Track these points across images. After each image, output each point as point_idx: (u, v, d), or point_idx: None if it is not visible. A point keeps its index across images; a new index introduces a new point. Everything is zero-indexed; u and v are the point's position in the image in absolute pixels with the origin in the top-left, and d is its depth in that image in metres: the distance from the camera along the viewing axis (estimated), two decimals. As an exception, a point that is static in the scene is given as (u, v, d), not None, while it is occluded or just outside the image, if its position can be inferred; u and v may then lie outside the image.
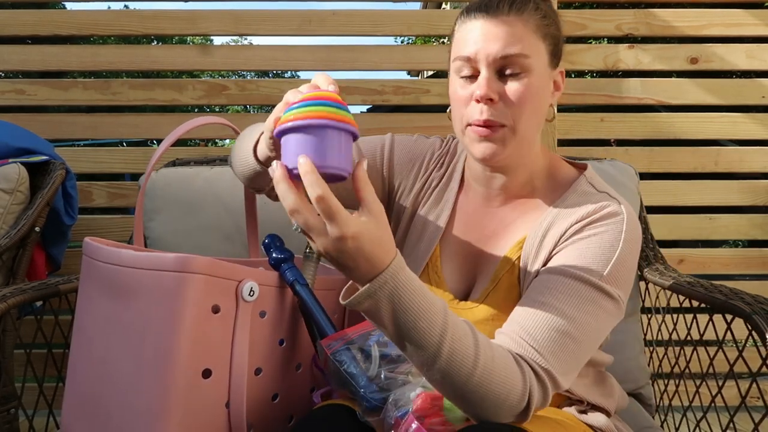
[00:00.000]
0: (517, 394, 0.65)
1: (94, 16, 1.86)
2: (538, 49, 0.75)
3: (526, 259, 0.78)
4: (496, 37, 0.73)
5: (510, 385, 0.64)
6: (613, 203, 0.77)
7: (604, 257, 0.72)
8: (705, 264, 1.94)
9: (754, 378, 0.96)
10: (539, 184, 0.84)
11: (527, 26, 0.74)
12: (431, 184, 0.92)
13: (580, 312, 0.70)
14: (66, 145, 3.25)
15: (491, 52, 0.74)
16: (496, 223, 0.85)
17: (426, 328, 0.62)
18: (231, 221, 1.28)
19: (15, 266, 1.43)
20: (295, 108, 0.58)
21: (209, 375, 0.73)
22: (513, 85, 0.74)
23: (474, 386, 0.63)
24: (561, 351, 0.68)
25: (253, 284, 0.76)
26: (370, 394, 0.70)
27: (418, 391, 0.69)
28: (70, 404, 0.79)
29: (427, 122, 1.91)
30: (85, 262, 0.79)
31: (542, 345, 0.68)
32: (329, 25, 1.88)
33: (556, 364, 0.68)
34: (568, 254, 0.74)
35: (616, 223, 0.75)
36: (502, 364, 0.65)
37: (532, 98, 0.75)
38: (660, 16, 1.90)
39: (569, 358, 0.69)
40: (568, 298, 0.70)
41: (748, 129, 1.93)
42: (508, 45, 0.73)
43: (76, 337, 0.80)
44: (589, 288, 0.71)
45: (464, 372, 0.63)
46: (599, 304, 0.71)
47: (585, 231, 0.75)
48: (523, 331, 0.69)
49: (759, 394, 0.94)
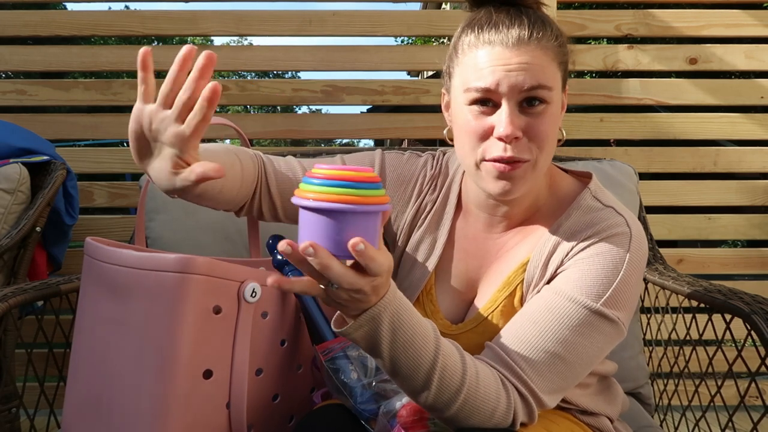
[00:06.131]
0: (501, 412, 0.65)
1: (95, 16, 1.86)
2: (557, 78, 0.71)
3: (529, 283, 0.75)
4: (520, 67, 0.67)
5: (494, 402, 0.64)
6: (620, 220, 0.73)
7: (606, 279, 0.69)
8: (704, 264, 1.94)
9: (753, 378, 0.96)
10: (542, 204, 0.80)
11: (547, 55, 0.69)
12: (425, 208, 0.87)
13: (575, 334, 0.68)
14: (67, 145, 3.26)
15: (516, 85, 0.67)
16: (498, 248, 0.81)
17: (422, 346, 0.61)
18: (231, 221, 1.28)
19: (16, 266, 1.44)
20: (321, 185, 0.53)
21: (210, 375, 0.73)
22: (536, 120, 0.69)
23: (461, 403, 0.63)
24: (549, 371, 0.67)
25: (255, 285, 0.76)
26: (364, 405, 0.70)
27: (404, 401, 0.69)
28: (71, 404, 0.79)
29: (427, 122, 1.92)
30: (86, 262, 0.79)
31: (530, 364, 0.67)
32: (329, 26, 1.88)
33: (542, 384, 0.67)
34: (570, 274, 0.71)
35: (622, 242, 0.71)
36: (486, 382, 0.65)
37: (552, 130, 0.71)
38: (659, 16, 1.91)
39: (557, 378, 0.68)
40: (563, 320, 0.68)
41: (747, 129, 1.93)
42: (533, 77, 0.67)
43: (77, 337, 0.80)
44: (586, 312, 0.68)
45: (453, 389, 0.63)
46: (597, 328, 0.69)
47: (589, 250, 0.72)
48: (510, 350, 0.68)
49: (758, 393, 0.95)
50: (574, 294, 0.69)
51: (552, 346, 0.67)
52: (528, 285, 0.75)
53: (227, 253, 1.14)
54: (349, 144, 22.95)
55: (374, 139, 2.38)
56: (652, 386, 1.27)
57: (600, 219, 0.73)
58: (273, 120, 1.93)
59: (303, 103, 1.94)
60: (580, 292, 0.69)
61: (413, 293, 0.84)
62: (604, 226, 0.72)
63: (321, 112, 2.27)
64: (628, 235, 0.71)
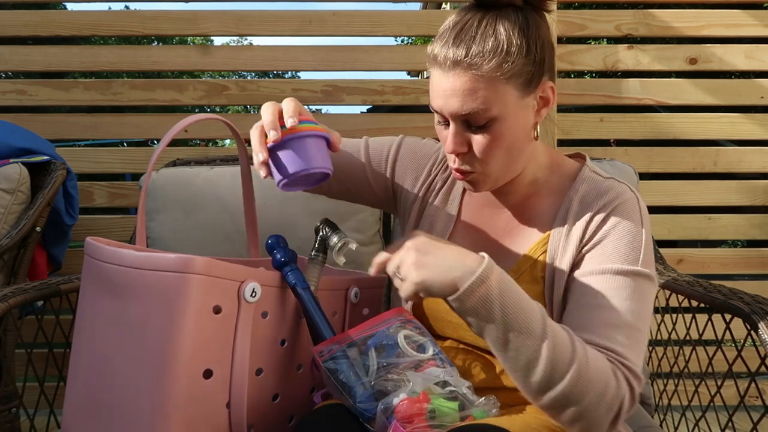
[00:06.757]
0: (613, 389, 0.66)
1: (95, 16, 1.86)
2: (501, 93, 0.72)
3: (553, 255, 0.80)
4: (454, 93, 0.73)
5: (605, 376, 0.66)
6: (623, 187, 0.81)
7: (635, 243, 0.76)
8: (704, 264, 1.95)
9: (752, 378, 0.96)
10: (544, 180, 0.86)
11: (484, 78, 0.71)
12: (436, 185, 0.94)
13: (634, 302, 0.73)
14: (67, 145, 3.27)
15: (451, 110, 0.74)
16: (506, 221, 0.87)
17: (529, 308, 0.67)
18: (231, 221, 1.28)
19: (16, 266, 1.44)
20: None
21: (210, 375, 0.73)
22: (478, 138, 0.75)
23: (574, 376, 0.64)
24: (633, 343, 0.71)
25: (255, 285, 0.77)
26: (364, 405, 0.70)
27: (401, 396, 0.69)
28: (71, 404, 0.79)
29: (427, 122, 1.92)
30: (86, 261, 0.79)
31: (617, 343, 0.70)
32: (329, 26, 1.88)
33: (634, 357, 0.70)
34: (604, 250, 0.77)
35: (633, 207, 0.78)
36: (594, 354, 0.68)
37: (502, 143, 0.75)
38: (659, 16, 1.91)
39: (639, 347, 0.72)
40: (621, 292, 0.73)
41: (747, 129, 1.94)
42: (464, 103, 0.72)
43: (77, 337, 0.80)
44: (633, 278, 0.74)
45: (565, 358, 0.65)
46: (644, 289, 0.75)
47: (609, 221, 0.78)
48: (595, 336, 0.71)
49: (758, 393, 0.95)
50: (616, 266, 0.75)
51: (628, 320, 0.71)
52: (552, 255, 0.80)
53: (227, 253, 1.14)
54: (349, 144, 22.86)
55: (374, 139, 2.37)
56: (652, 386, 1.27)
57: (607, 188, 0.80)
58: (273, 120, 1.92)
59: (303, 103, 1.91)
60: (621, 262, 0.75)
61: None
62: (613, 195, 0.79)
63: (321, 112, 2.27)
64: (635, 199, 0.80)
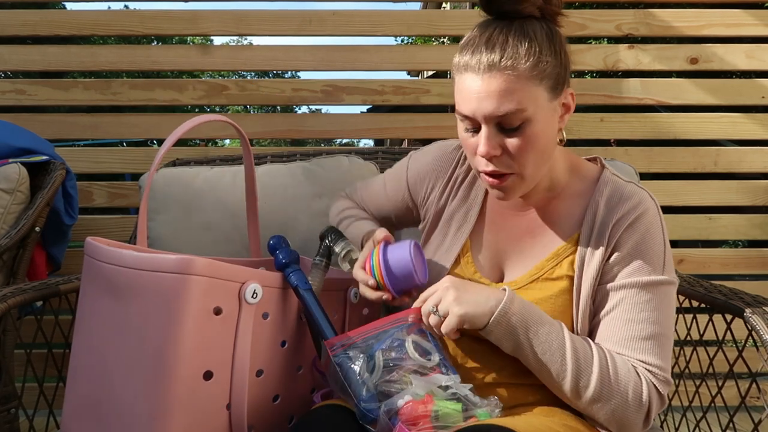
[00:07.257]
0: (638, 389, 0.74)
1: (95, 16, 1.86)
2: (535, 95, 0.73)
3: (583, 254, 0.82)
4: (489, 95, 0.72)
5: (629, 378, 0.74)
6: (644, 194, 0.83)
7: (658, 251, 0.80)
8: (705, 264, 1.94)
9: (753, 378, 0.96)
10: (565, 183, 0.87)
11: (520, 79, 0.72)
12: (457, 179, 0.95)
13: (661, 312, 0.78)
14: (66, 145, 3.26)
15: (486, 113, 0.73)
16: (528, 222, 0.88)
17: (549, 325, 0.76)
18: (231, 221, 1.28)
19: (15, 266, 1.43)
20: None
21: (210, 377, 0.73)
22: (514, 139, 0.75)
23: (599, 380, 0.73)
24: (662, 350, 0.77)
25: (256, 286, 0.76)
26: (367, 405, 0.70)
27: (406, 398, 0.69)
28: (70, 404, 0.79)
29: (427, 122, 1.92)
30: (86, 262, 0.79)
31: (648, 352, 0.76)
32: (329, 25, 1.88)
33: (662, 363, 0.76)
34: (630, 263, 0.79)
35: (654, 215, 0.82)
36: (617, 359, 0.75)
37: (535, 145, 0.76)
38: (660, 16, 1.91)
39: (667, 352, 0.78)
40: (648, 305, 0.78)
41: (747, 129, 1.93)
42: (501, 104, 0.72)
43: (77, 338, 0.80)
44: (658, 287, 0.78)
45: (588, 367, 0.74)
46: (668, 294, 0.80)
47: (634, 231, 0.80)
48: (626, 349, 0.77)
49: (758, 394, 0.95)
50: (644, 278, 0.78)
51: (656, 330, 0.77)
52: (582, 256, 0.82)
53: (226, 253, 1.14)
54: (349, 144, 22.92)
55: (374, 139, 2.38)
56: (652, 386, 1.27)
57: (630, 193, 0.83)
58: (273, 120, 1.93)
59: (303, 103, 1.94)
60: (648, 273, 0.78)
61: (451, 256, 0.90)
62: (636, 201, 0.82)
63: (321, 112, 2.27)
64: (655, 206, 0.83)
